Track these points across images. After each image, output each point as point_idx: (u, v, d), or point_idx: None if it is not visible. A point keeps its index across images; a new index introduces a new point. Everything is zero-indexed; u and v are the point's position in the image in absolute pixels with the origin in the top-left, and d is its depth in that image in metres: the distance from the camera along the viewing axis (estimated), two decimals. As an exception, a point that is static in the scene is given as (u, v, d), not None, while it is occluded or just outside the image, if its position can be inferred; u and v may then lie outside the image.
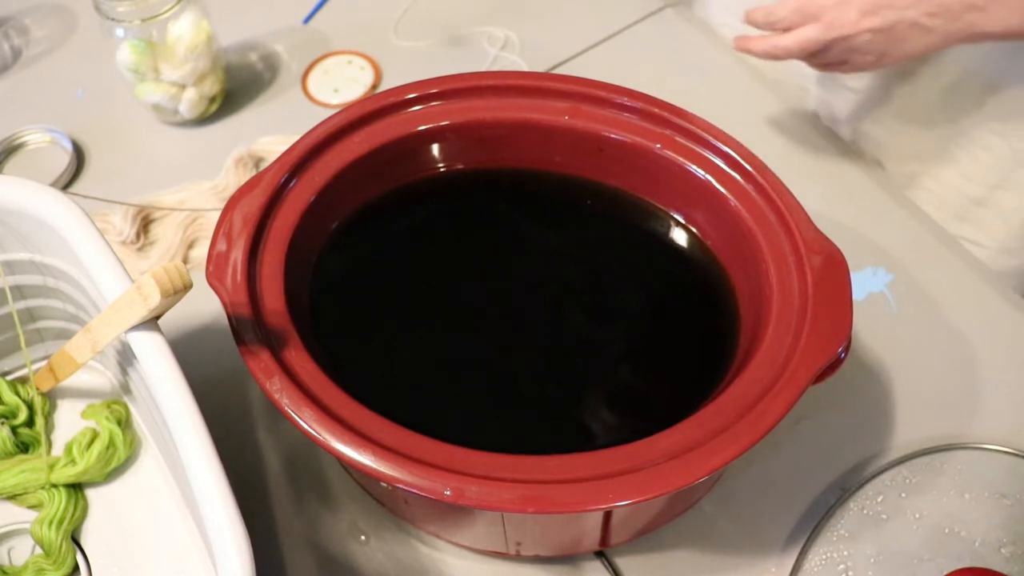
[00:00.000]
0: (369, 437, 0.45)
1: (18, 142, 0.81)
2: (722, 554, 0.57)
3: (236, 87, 0.85)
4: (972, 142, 0.72)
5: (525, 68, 0.85)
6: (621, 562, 0.57)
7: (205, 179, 0.77)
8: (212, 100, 0.82)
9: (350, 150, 0.58)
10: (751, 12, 0.67)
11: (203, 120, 0.83)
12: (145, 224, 0.74)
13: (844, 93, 0.77)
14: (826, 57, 0.64)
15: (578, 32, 0.89)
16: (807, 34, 0.63)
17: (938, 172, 0.75)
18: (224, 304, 0.50)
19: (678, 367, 0.55)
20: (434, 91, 0.59)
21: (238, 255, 0.51)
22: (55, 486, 0.57)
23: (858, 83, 0.75)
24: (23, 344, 0.60)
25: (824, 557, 0.55)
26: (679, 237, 0.59)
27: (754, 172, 0.55)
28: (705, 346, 0.55)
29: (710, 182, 0.56)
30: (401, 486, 0.43)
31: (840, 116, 0.79)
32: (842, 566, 0.55)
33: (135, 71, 0.77)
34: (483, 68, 0.86)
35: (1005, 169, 0.71)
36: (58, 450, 0.60)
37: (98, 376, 0.64)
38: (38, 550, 0.56)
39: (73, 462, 0.57)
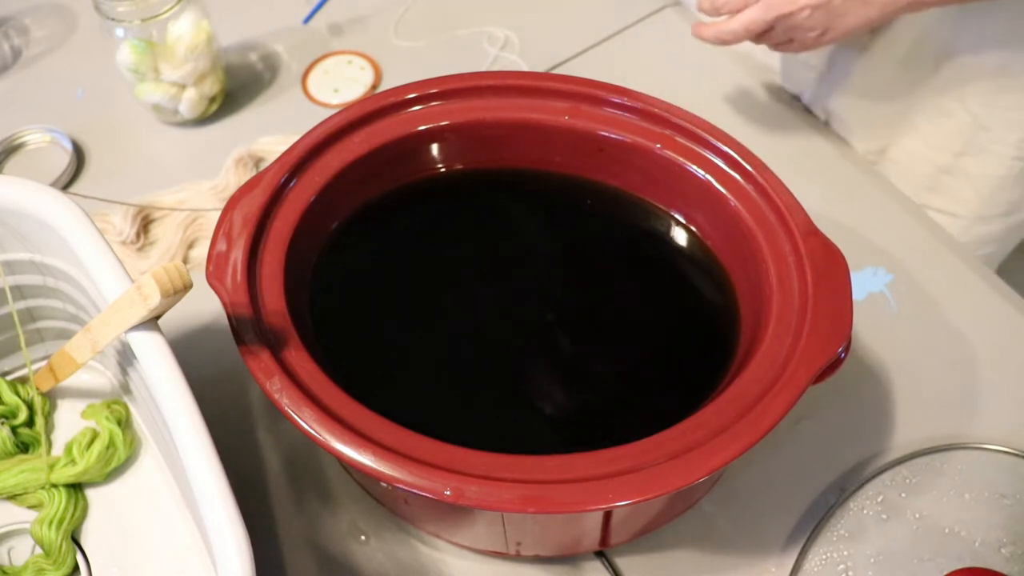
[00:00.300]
0: (369, 437, 0.45)
1: (18, 142, 0.81)
2: (722, 554, 0.57)
3: (236, 87, 0.85)
4: (932, 110, 0.74)
5: (525, 68, 0.85)
6: (621, 562, 0.57)
7: (205, 179, 0.77)
8: (212, 100, 0.82)
9: (350, 150, 0.58)
10: (700, 1, 0.69)
11: (203, 120, 0.83)
12: (145, 224, 0.74)
13: (807, 73, 0.79)
14: (773, 37, 0.66)
15: (578, 32, 0.89)
16: (750, 15, 0.65)
17: (903, 143, 0.77)
18: (224, 304, 0.49)
19: (678, 367, 0.55)
20: (434, 91, 0.59)
21: (238, 255, 0.51)
22: (55, 486, 0.57)
23: (817, 62, 0.77)
24: (23, 344, 0.60)
25: (824, 557, 0.55)
26: (679, 237, 0.59)
27: (754, 172, 0.55)
28: (705, 346, 0.55)
29: (710, 182, 0.56)
30: (401, 486, 0.43)
31: (807, 97, 0.81)
32: (842, 566, 0.55)
33: (135, 71, 0.77)
34: (483, 68, 0.86)
35: (967, 135, 0.73)
36: (58, 450, 0.60)
37: (98, 376, 0.64)
38: (38, 550, 0.56)
39: (73, 462, 0.57)
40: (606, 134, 0.59)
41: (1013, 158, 0.72)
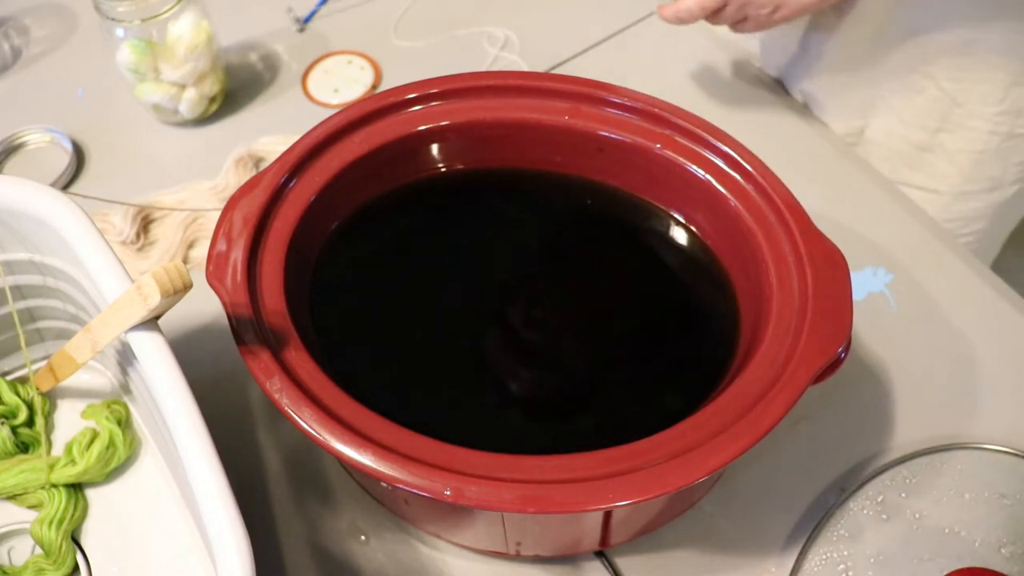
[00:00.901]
0: (369, 437, 0.45)
1: (18, 142, 0.81)
2: (722, 554, 0.57)
3: (236, 87, 0.85)
4: (904, 88, 0.74)
5: (525, 68, 0.85)
6: (621, 562, 0.57)
7: (205, 179, 0.77)
8: (212, 100, 0.82)
9: (350, 150, 0.58)
10: None
11: (203, 120, 0.83)
12: (145, 224, 0.74)
13: (782, 57, 0.79)
14: (726, 15, 0.67)
15: (578, 32, 0.89)
16: None
17: (879, 123, 0.77)
18: (224, 304, 0.49)
19: (678, 367, 0.55)
20: (434, 91, 0.59)
21: (238, 255, 0.51)
22: (55, 486, 0.57)
23: (791, 43, 0.77)
24: (23, 344, 0.60)
25: (824, 557, 0.55)
26: (679, 237, 0.59)
27: (754, 172, 0.55)
28: (705, 346, 0.55)
29: (710, 182, 0.56)
30: (401, 486, 0.43)
31: (785, 80, 0.81)
32: (842, 566, 0.55)
33: (135, 71, 0.77)
34: (483, 68, 0.86)
35: (942, 111, 0.74)
36: (58, 450, 0.60)
37: (98, 376, 0.64)
38: (38, 550, 0.56)
39: (73, 462, 0.57)
40: (606, 134, 0.59)
41: (990, 132, 0.73)
